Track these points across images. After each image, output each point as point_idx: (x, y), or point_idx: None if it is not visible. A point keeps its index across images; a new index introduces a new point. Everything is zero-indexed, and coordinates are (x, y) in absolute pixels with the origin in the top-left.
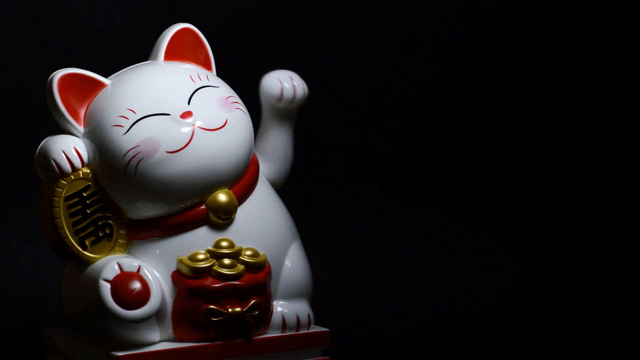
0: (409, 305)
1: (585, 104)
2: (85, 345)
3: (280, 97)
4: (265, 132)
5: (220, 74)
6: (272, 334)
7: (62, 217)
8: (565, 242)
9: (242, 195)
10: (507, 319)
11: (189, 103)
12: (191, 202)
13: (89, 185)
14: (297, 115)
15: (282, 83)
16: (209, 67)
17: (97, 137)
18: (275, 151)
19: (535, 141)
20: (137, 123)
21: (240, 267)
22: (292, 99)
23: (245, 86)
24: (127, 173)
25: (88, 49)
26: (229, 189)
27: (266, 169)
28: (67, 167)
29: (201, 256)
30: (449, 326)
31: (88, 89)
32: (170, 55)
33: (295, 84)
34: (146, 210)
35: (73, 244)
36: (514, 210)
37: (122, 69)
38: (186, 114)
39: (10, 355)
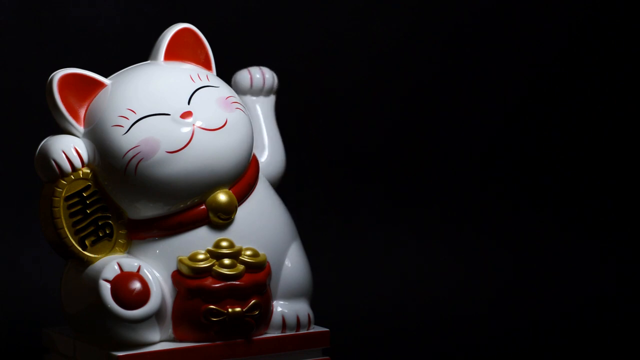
0: (409, 305)
1: (585, 104)
2: (85, 345)
3: (251, 85)
4: None
5: (220, 74)
6: (272, 334)
7: (62, 217)
8: (565, 242)
9: (242, 195)
10: (507, 319)
11: (189, 103)
12: (191, 202)
13: (89, 185)
14: (275, 106)
15: (252, 73)
16: (209, 67)
17: (97, 137)
18: (267, 139)
19: (535, 141)
20: (137, 123)
21: (240, 267)
22: (262, 87)
23: None
24: (127, 173)
25: (88, 49)
26: (229, 189)
27: (262, 161)
28: (67, 167)
29: (201, 256)
30: (449, 326)
31: (88, 89)
32: (170, 55)
33: (265, 74)
34: (146, 210)
35: (73, 244)
36: (514, 210)
37: (122, 69)
38: (186, 114)
39: (10, 355)
